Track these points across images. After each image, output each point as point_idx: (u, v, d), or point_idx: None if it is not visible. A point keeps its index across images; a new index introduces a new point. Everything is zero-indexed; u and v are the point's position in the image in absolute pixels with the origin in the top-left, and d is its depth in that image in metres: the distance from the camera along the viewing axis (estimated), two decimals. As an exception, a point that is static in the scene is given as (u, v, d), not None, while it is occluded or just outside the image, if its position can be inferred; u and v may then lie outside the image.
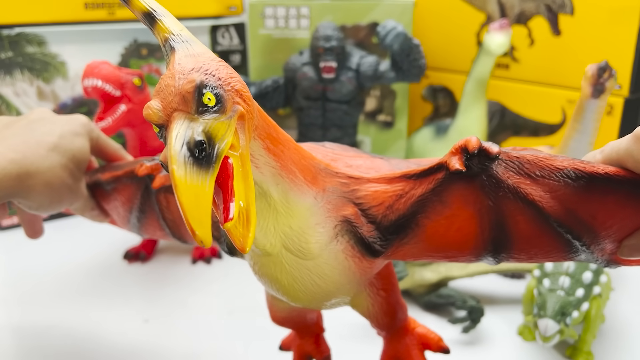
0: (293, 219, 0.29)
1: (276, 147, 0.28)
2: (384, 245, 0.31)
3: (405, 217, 0.31)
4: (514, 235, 0.30)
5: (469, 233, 0.31)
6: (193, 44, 0.26)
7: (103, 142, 0.48)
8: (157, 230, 0.45)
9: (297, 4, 0.78)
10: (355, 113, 0.75)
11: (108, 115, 0.60)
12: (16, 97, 0.73)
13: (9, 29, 0.72)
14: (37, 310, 0.58)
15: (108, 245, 0.71)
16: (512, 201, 0.29)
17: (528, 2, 0.74)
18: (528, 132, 0.78)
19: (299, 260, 0.30)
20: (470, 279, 0.58)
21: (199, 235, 0.22)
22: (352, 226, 0.31)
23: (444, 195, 0.30)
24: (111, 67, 0.60)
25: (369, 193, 0.31)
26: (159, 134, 0.25)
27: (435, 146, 0.75)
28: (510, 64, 0.78)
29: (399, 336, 0.39)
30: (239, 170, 0.24)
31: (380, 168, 0.33)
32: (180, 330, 0.55)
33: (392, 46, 0.67)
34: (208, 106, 0.23)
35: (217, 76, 0.24)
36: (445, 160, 0.30)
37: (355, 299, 0.36)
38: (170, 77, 0.24)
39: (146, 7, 0.26)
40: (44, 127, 0.43)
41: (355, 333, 0.52)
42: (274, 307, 0.40)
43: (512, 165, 0.29)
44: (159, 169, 0.41)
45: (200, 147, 0.22)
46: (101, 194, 0.47)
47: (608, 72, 0.51)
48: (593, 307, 0.47)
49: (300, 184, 0.29)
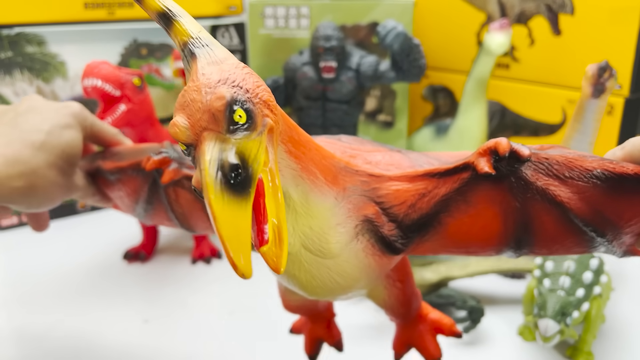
0: (313, 220, 0.29)
1: (297, 150, 0.27)
2: (405, 244, 0.31)
3: (427, 216, 0.30)
4: (538, 234, 0.30)
5: (492, 231, 0.30)
6: (214, 48, 0.24)
7: (98, 128, 0.46)
8: (164, 221, 0.44)
9: (297, 3, 0.78)
10: (355, 113, 0.75)
11: (108, 115, 0.60)
12: (16, 97, 0.73)
13: (9, 29, 0.71)
14: (37, 310, 0.58)
15: (108, 245, 0.71)
16: (539, 202, 0.29)
17: (528, 2, 0.74)
18: (528, 132, 0.78)
19: (319, 259, 0.30)
20: (471, 279, 0.58)
21: (241, 269, 0.21)
22: (373, 225, 0.30)
23: (468, 195, 0.30)
24: (111, 67, 0.60)
25: (391, 192, 0.31)
26: (185, 151, 0.23)
27: (436, 146, 0.75)
28: (511, 64, 0.78)
29: (412, 322, 0.39)
30: (269, 186, 0.23)
31: (400, 164, 0.33)
32: (180, 330, 0.54)
33: (392, 46, 0.67)
34: (239, 124, 0.22)
35: (244, 88, 0.23)
36: (472, 160, 0.29)
37: (371, 291, 0.36)
38: (196, 90, 0.23)
39: (161, 7, 0.24)
40: (31, 122, 0.41)
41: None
42: (286, 296, 0.40)
43: (541, 167, 0.28)
44: (167, 163, 0.39)
45: (236, 172, 0.21)
46: (104, 182, 0.46)
47: (608, 72, 0.51)
48: (593, 307, 0.47)
49: (321, 185, 0.28)
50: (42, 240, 0.72)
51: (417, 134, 0.80)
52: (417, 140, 0.79)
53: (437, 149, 0.75)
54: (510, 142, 0.29)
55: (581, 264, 0.48)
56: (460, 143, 0.72)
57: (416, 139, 0.79)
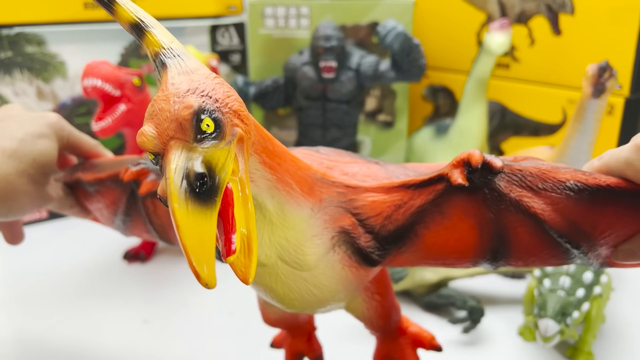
0: (289, 231, 0.29)
1: (272, 160, 0.27)
2: (382, 255, 0.31)
3: (403, 227, 0.31)
4: (514, 245, 0.30)
5: (468, 243, 0.30)
6: (185, 59, 0.24)
7: (76, 139, 0.46)
8: (143, 233, 0.44)
9: (297, 3, 0.78)
10: (355, 113, 0.74)
11: (107, 115, 0.60)
12: (16, 97, 0.73)
13: (9, 29, 0.71)
14: (36, 310, 0.58)
15: (107, 245, 0.71)
16: (513, 214, 0.29)
17: (528, 2, 0.74)
18: (528, 132, 0.78)
19: (295, 271, 0.30)
20: (471, 279, 0.58)
21: (204, 279, 0.21)
22: (349, 237, 0.30)
23: (443, 207, 0.30)
24: (111, 67, 0.60)
25: (367, 203, 0.31)
26: (153, 160, 0.23)
27: (436, 146, 0.75)
28: (511, 64, 0.78)
29: (392, 336, 0.39)
30: (238, 195, 0.22)
31: (377, 175, 0.33)
32: (180, 330, 0.54)
33: (392, 46, 0.67)
34: (207, 133, 0.22)
35: (214, 97, 0.23)
36: (447, 172, 0.29)
37: (350, 303, 0.36)
38: (164, 100, 0.22)
39: (133, 18, 0.24)
40: (5, 130, 0.41)
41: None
42: (266, 309, 0.40)
43: (514, 179, 0.29)
44: (145, 174, 0.39)
45: (201, 181, 0.21)
46: (83, 194, 0.46)
47: (608, 71, 0.51)
48: (593, 308, 0.47)
49: (297, 196, 0.28)
50: (41, 240, 0.72)
51: (417, 134, 0.79)
52: (417, 140, 0.79)
53: (437, 149, 0.75)
54: (483, 153, 0.29)
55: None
56: (460, 143, 0.72)
57: (416, 139, 0.79)
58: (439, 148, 0.74)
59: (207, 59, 0.70)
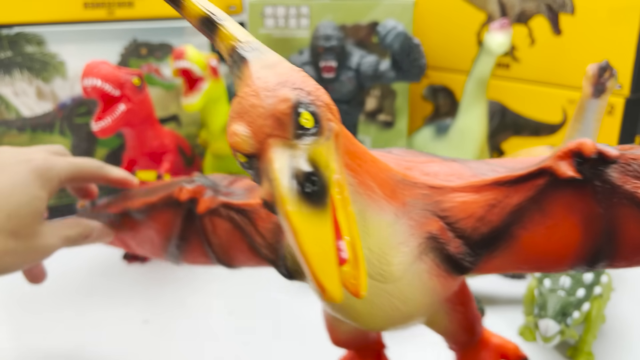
0: (372, 239, 0.26)
1: (353, 162, 0.25)
2: (473, 262, 0.28)
3: (498, 230, 0.28)
4: (622, 243, 0.27)
5: (570, 243, 0.28)
6: (265, 52, 0.22)
7: (74, 170, 0.42)
8: (199, 257, 0.41)
9: (297, 3, 0.78)
10: (355, 113, 0.74)
11: (107, 115, 0.60)
12: (15, 97, 0.73)
13: (8, 29, 0.71)
14: (37, 310, 0.58)
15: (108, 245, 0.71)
16: (627, 207, 0.26)
17: (529, 2, 0.74)
18: (529, 132, 0.78)
19: (378, 284, 0.27)
20: (471, 279, 0.58)
21: (330, 291, 0.19)
22: (438, 243, 0.27)
23: (544, 204, 0.27)
24: (110, 67, 0.60)
25: (456, 204, 0.28)
26: (245, 164, 0.21)
27: (436, 146, 0.75)
28: (511, 64, 0.78)
29: (474, 349, 0.36)
30: (338, 198, 0.20)
31: (462, 174, 0.30)
32: (180, 330, 0.54)
33: (392, 46, 0.67)
34: (306, 128, 0.20)
35: (306, 90, 0.21)
36: (550, 165, 0.27)
37: (432, 317, 0.33)
38: (254, 95, 0.20)
39: (204, 12, 0.22)
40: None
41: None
42: (335, 329, 0.36)
43: (629, 169, 0.26)
44: (202, 192, 0.37)
45: (310, 180, 0.19)
46: (129, 224, 0.43)
47: (609, 71, 0.51)
48: (594, 308, 0.47)
49: (379, 200, 0.26)
50: (41, 240, 0.72)
51: (417, 134, 0.79)
52: (417, 140, 0.79)
53: (437, 148, 0.75)
54: (596, 142, 0.27)
55: (582, 264, 0.48)
56: (460, 143, 0.72)
57: (416, 139, 0.79)
58: (439, 148, 0.75)
59: (207, 58, 0.70)
